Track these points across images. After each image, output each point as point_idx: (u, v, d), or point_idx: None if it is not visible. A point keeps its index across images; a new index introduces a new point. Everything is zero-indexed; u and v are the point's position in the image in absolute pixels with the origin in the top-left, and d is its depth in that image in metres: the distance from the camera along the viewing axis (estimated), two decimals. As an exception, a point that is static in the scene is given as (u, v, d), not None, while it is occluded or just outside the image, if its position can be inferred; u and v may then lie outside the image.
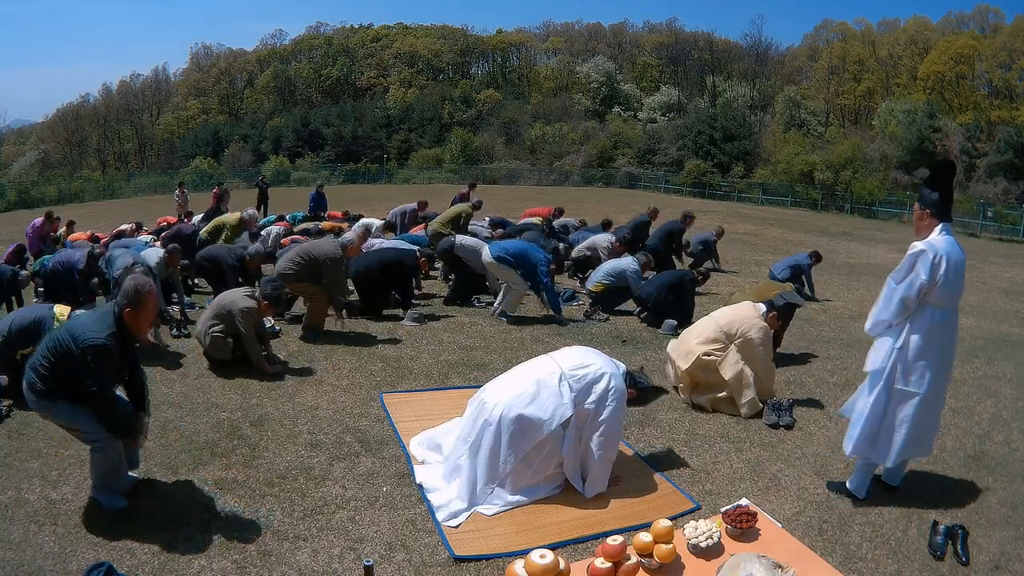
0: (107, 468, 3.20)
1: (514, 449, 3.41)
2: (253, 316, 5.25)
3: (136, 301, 3.12)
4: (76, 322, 3.21)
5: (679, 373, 4.93)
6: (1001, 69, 44.88)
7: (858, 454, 3.61)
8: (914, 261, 3.35)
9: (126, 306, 3.12)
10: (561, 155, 45.47)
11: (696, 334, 4.97)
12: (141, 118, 68.19)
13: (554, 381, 3.49)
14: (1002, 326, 8.42)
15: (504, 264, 6.96)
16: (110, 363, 3.09)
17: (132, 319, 3.15)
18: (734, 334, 4.81)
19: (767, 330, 4.90)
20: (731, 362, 4.76)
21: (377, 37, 71.13)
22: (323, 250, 6.26)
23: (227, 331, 5.21)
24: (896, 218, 27.28)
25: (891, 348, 3.46)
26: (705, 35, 64.62)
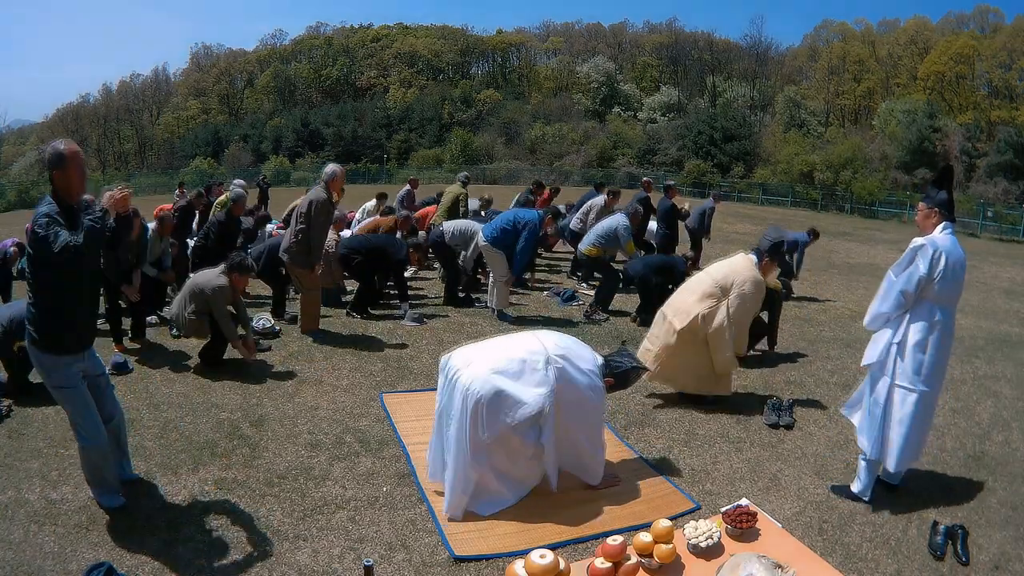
0: (94, 461, 3.19)
1: (491, 423, 3.25)
2: (225, 293, 5.18)
3: (55, 162, 2.92)
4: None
5: (673, 332, 4.77)
6: (1001, 69, 44.91)
7: (877, 457, 3.56)
8: (914, 255, 3.38)
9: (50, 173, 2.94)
10: (561, 155, 45.52)
11: (692, 290, 4.88)
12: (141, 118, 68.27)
13: (540, 363, 3.35)
14: (1002, 326, 8.42)
15: (497, 246, 6.92)
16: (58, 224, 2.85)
17: (60, 180, 2.94)
18: (729, 287, 4.73)
19: (761, 284, 4.80)
20: (718, 316, 4.71)
21: (377, 37, 71.20)
22: (309, 198, 6.06)
23: (200, 311, 5.17)
24: (896, 218, 27.28)
25: (889, 343, 3.47)
26: (705, 35, 64.75)
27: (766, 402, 4.88)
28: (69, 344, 3.06)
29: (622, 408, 4.86)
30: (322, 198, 5.95)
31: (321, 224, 6.02)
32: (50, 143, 3.05)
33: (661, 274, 7.23)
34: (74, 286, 3.00)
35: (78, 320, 3.07)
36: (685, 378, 4.92)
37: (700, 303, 4.75)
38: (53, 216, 2.87)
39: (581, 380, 3.41)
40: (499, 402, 3.26)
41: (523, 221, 6.90)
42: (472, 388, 3.26)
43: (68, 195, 2.99)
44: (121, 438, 3.44)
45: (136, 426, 4.18)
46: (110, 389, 3.38)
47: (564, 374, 3.37)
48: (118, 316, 5.87)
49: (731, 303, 4.71)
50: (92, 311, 3.21)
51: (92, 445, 3.14)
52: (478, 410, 3.24)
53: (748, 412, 4.83)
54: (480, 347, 3.56)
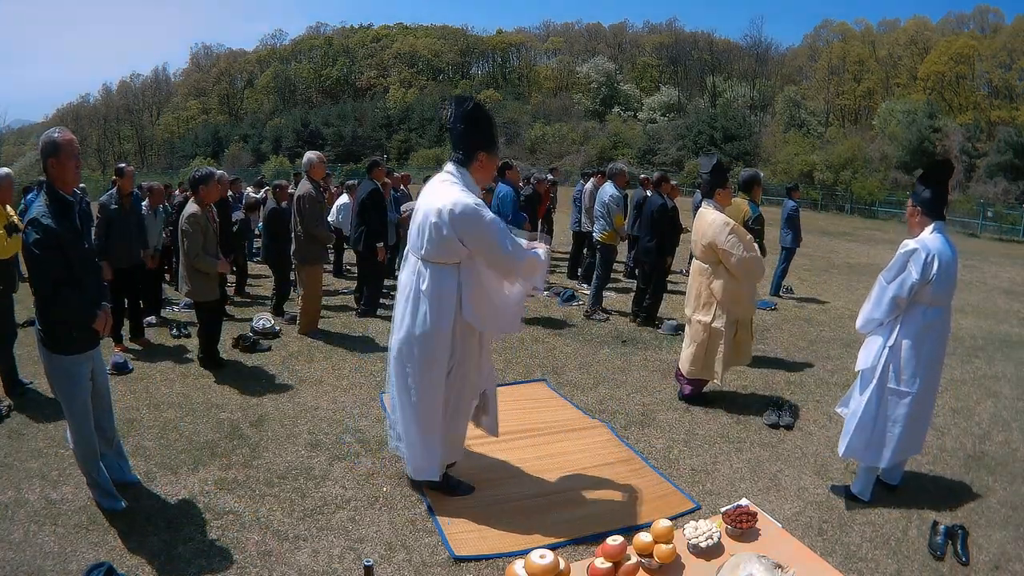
0: (84, 455, 3.19)
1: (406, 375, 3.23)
2: (199, 220, 5.05)
3: (49, 149, 2.90)
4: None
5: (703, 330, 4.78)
6: (1001, 69, 44.92)
7: (852, 456, 3.62)
8: (906, 260, 3.36)
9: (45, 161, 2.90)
10: (561, 155, 45.52)
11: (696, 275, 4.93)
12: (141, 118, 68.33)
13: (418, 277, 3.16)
14: (1002, 326, 8.42)
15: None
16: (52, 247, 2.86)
17: (55, 168, 2.92)
18: (710, 241, 4.71)
19: (728, 220, 4.74)
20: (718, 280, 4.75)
21: (377, 37, 71.24)
22: (298, 194, 6.16)
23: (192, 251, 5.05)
24: (896, 218, 27.28)
25: (882, 346, 3.47)
26: (705, 35, 64.76)
27: (766, 402, 4.88)
28: (78, 341, 3.06)
29: (622, 408, 4.86)
30: (309, 192, 6.05)
31: (317, 215, 6.14)
32: (45, 132, 3.00)
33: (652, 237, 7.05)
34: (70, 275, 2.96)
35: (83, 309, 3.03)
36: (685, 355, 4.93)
37: (711, 280, 4.78)
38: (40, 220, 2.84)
39: (452, 229, 3.04)
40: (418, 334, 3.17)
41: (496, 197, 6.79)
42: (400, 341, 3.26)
43: (63, 185, 2.96)
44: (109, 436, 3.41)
45: (136, 426, 4.18)
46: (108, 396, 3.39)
47: (438, 250, 3.10)
48: (119, 316, 5.88)
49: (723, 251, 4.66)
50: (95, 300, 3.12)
51: (81, 449, 3.15)
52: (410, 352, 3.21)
53: (748, 412, 4.83)
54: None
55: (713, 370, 4.86)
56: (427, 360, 3.20)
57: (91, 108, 66.80)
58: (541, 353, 6.11)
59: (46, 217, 2.87)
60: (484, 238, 3.07)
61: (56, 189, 2.95)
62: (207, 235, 5.13)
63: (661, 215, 7.07)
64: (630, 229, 8.83)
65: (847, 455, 3.63)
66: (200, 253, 5.08)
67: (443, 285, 3.14)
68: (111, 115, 66.28)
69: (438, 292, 3.14)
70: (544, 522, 3.30)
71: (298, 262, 6.26)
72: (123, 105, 68.01)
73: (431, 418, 3.28)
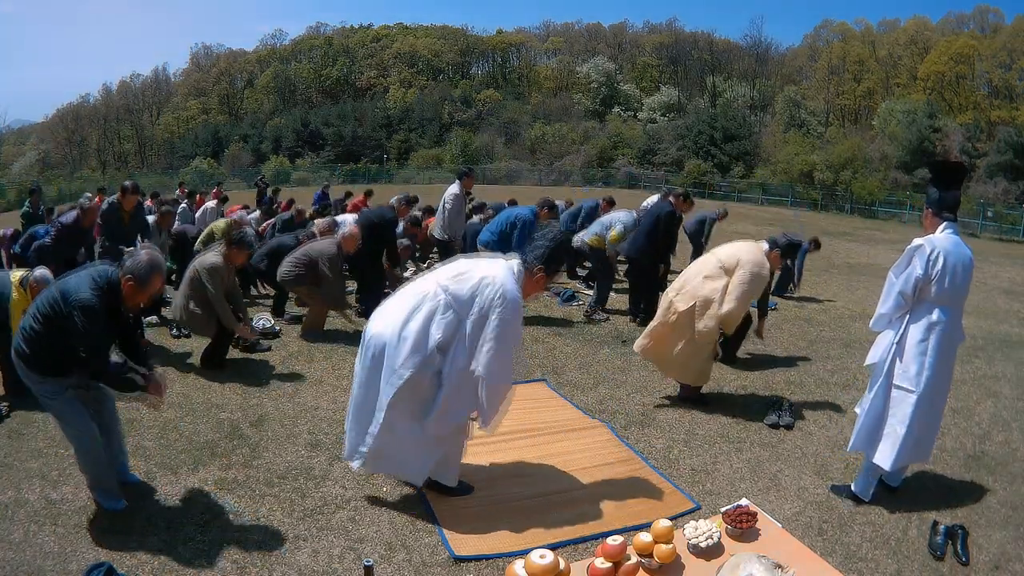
0: (92, 464, 3.18)
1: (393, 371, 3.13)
2: (220, 273, 5.08)
3: (144, 276, 2.98)
4: (69, 280, 3.03)
5: (675, 312, 4.70)
6: (1001, 69, 44.95)
7: (857, 448, 3.60)
8: (911, 255, 3.36)
9: (130, 277, 2.97)
10: (561, 155, 45.54)
11: (697, 271, 4.81)
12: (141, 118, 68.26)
13: (428, 301, 3.17)
14: (1002, 326, 8.42)
15: (492, 248, 6.84)
16: (99, 323, 2.91)
17: (130, 291, 3.00)
18: (731, 269, 4.66)
19: (766, 268, 4.72)
20: (719, 284, 4.65)
21: (377, 37, 71.21)
22: (320, 249, 6.25)
23: (201, 301, 5.07)
24: (896, 218, 27.31)
25: (891, 343, 3.46)
26: (705, 35, 64.76)
27: (766, 402, 4.88)
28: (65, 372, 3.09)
29: (622, 408, 4.86)
30: (333, 253, 6.19)
31: (338, 275, 6.31)
32: (149, 251, 3.09)
33: (651, 235, 7.01)
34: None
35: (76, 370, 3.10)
36: (671, 361, 4.87)
37: (704, 284, 4.68)
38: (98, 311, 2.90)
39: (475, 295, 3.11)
40: (396, 351, 3.13)
41: (516, 218, 6.87)
42: (374, 340, 3.20)
43: (125, 301, 3.07)
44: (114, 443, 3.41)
45: (136, 426, 4.18)
46: (110, 400, 3.41)
47: (462, 303, 3.13)
48: None
49: (733, 279, 4.64)
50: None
51: (84, 448, 3.14)
52: (381, 362, 3.16)
53: (748, 412, 4.82)
54: (384, 307, 3.38)
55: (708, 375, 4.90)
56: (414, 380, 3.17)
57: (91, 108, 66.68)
58: (541, 353, 6.11)
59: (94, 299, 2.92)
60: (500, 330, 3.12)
61: (118, 294, 3.01)
62: (226, 287, 5.21)
63: (669, 221, 7.06)
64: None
65: (853, 448, 3.61)
66: (224, 301, 5.12)
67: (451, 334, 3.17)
68: (111, 115, 66.16)
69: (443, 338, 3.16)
70: (544, 522, 3.30)
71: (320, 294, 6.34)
72: (123, 105, 67.91)
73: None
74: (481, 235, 7.10)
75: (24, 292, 4.44)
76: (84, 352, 2.94)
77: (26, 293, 4.42)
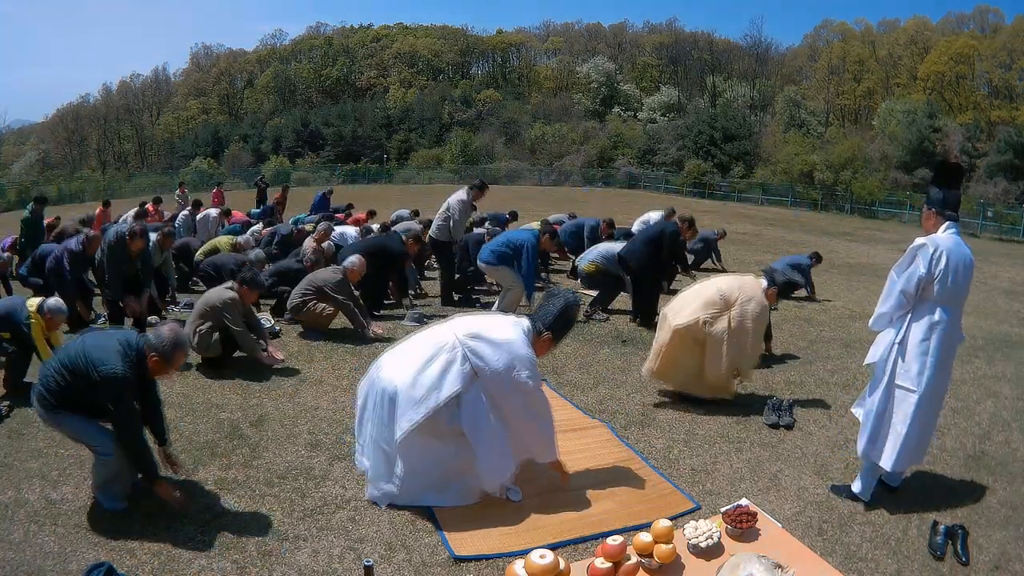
0: (109, 475, 3.21)
1: (404, 418, 3.25)
2: (237, 306, 5.18)
3: (168, 354, 3.13)
4: (94, 345, 3.12)
5: (670, 328, 4.75)
6: (1001, 69, 44.94)
7: (867, 453, 3.57)
8: (914, 254, 3.36)
9: (155, 353, 3.12)
10: (561, 155, 45.51)
11: (696, 295, 4.86)
12: (141, 118, 68.24)
13: (444, 352, 3.30)
14: (1002, 326, 8.42)
15: (493, 266, 6.96)
16: (128, 394, 3.10)
17: (156, 366, 3.16)
18: (732, 302, 4.71)
19: (765, 306, 4.81)
20: (718, 328, 4.69)
21: (377, 37, 71.20)
22: (323, 278, 6.27)
23: (215, 327, 5.18)
24: (896, 218, 27.29)
25: (891, 342, 3.45)
26: (705, 35, 64.78)
27: (766, 402, 4.88)
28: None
29: (622, 408, 4.86)
30: (338, 279, 6.24)
31: (349, 296, 6.31)
32: (175, 329, 3.22)
33: (652, 244, 7.08)
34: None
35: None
36: (680, 377, 4.92)
37: (702, 309, 4.74)
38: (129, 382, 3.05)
39: (498, 355, 3.29)
40: (409, 399, 3.25)
41: (517, 243, 6.91)
42: (387, 387, 3.31)
43: (152, 373, 3.22)
44: None
45: (136, 426, 4.18)
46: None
47: (477, 353, 3.29)
48: (120, 318, 5.89)
49: (733, 317, 4.71)
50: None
51: (107, 458, 3.16)
52: (395, 405, 3.27)
53: (748, 412, 4.82)
54: (396, 349, 3.58)
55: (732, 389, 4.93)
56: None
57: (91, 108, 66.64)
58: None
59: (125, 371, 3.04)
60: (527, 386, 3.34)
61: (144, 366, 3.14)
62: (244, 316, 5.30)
63: (673, 242, 7.12)
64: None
65: (864, 454, 3.58)
66: (248, 334, 5.20)
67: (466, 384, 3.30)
68: (111, 115, 66.11)
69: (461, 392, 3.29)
70: (544, 522, 3.30)
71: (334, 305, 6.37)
72: (123, 105, 67.86)
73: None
74: (481, 254, 7.14)
75: (41, 319, 4.58)
76: (113, 420, 3.06)
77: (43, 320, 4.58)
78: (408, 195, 28.72)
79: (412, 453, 3.32)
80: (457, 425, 3.29)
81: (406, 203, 23.04)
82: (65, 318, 4.85)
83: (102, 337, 3.23)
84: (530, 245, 6.86)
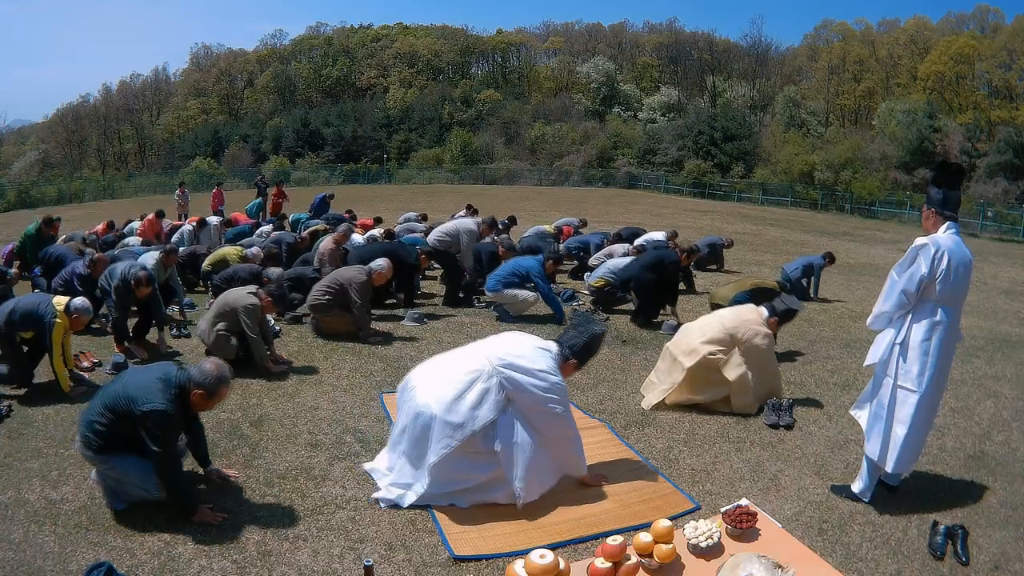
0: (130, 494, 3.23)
1: (439, 443, 3.35)
2: (257, 313, 5.23)
3: (212, 389, 3.18)
4: (135, 382, 3.15)
5: (681, 369, 4.82)
6: (1001, 69, 44.93)
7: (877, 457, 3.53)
8: (916, 254, 3.35)
9: (199, 388, 3.16)
10: (561, 155, 45.50)
11: (700, 332, 4.90)
12: (141, 118, 68.23)
13: (480, 379, 3.43)
14: (1002, 326, 8.42)
15: (499, 292, 7.16)
16: (172, 429, 3.13)
17: (198, 400, 3.20)
18: (740, 339, 4.79)
19: (771, 336, 4.91)
20: (735, 364, 4.75)
21: (377, 37, 71.18)
22: (349, 277, 6.24)
23: (231, 329, 5.21)
24: (896, 218, 27.28)
25: (892, 343, 3.44)
26: (705, 35, 64.78)
27: (766, 402, 4.88)
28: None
29: (622, 408, 4.86)
30: (363, 281, 6.21)
31: (367, 302, 6.31)
32: (219, 366, 3.27)
33: (654, 271, 7.17)
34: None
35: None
36: (697, 399, 4.92)
37: (708, 345, 4.79)
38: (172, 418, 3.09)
39: (532, 382, 3.44)
40: (447, 426, 3.34)
41: (525, 270, 7.14)
42: (423, 410, 3.39)
43: (195, 408, 3.27)
44: None
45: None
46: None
47: (512, 381, 3.42)
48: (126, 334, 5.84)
49: (746, 353, 4.77)
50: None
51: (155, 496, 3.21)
52: (430, 428, 3.36)
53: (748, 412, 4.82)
54: (430, 367, 3.65)
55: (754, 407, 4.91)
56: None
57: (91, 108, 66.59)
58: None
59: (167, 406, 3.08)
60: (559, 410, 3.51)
61: (187, 401, 3.19)
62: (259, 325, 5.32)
63: (675, 271, 7.34)
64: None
65: (879, 460, 3.53)
66: (262, 343, 5.24)
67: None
68: (111, 115, 66.05)
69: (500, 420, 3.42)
70: (544, 522, 3.31)
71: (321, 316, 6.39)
72: (123, 105, 67.83)
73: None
74: (488, 283, 7.32)
75: (67, 318, 4.60)
76: (153, 460, 3.06)
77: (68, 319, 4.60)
78: (408, 195, 28.76)
79: (443, 470, 3.40)
80: (491, 447, 3.40)
81: (406, 202, 23.15)
82: (89, 319, 4.90)
83: (142, 373, 3.27)
84: (536, 272, 7.09)
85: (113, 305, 5.64)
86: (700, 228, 18.15)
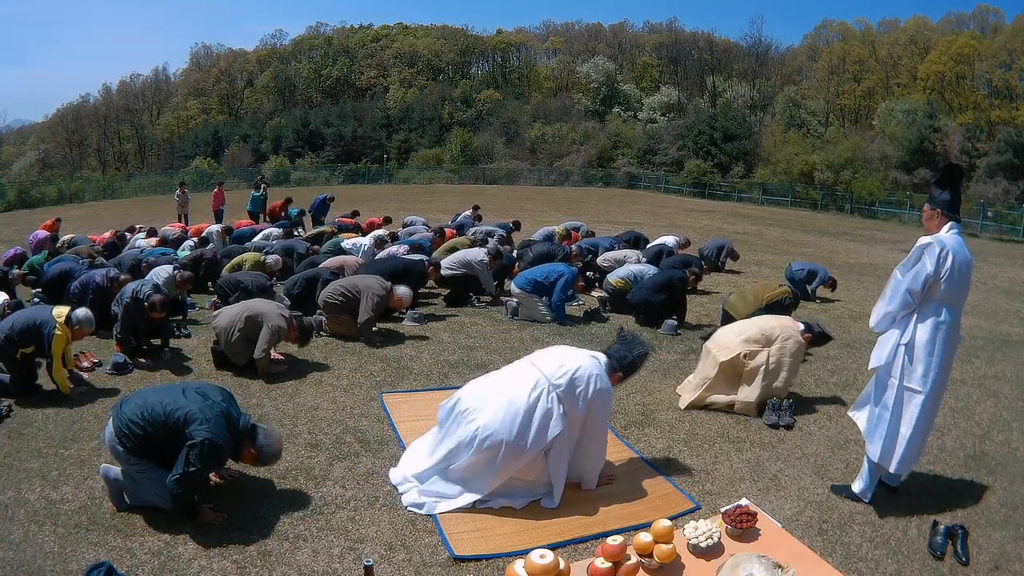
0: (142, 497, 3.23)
1: (500, 471, 3.38)
2: (280, 335, 5.21)
3: (264, 459, 3.32)
4: (199, 406, 3.15)
5: (715, 364, 4.88)
6: (1001, 69, 44.92)
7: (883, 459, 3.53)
8: (921, 253, 3.34)
9: (255, 449, 3.28)
10: (561, 155, 45.49)
11: (739, 331, 5.02)
12: (141, 118, 68.22)
13: (542, 398, 3.41)
14: (1002, 326, 8.42)
15: (528, 292, 7.17)
16: (218, 462, 3.21)
17: (248, 456, 3.31)
18: (774, 338, 4.86)
19: (802, 344, 4.96)
20: (759, 361, 4.81)
21: (377, 37, 71.16)
22: (369, 286, 6.22)
23: (248, 335, 5.17)
24: (896, 218, 27.27)
25: (896, 344, 3.43)
26: (705, 35, 64.77)
27: (766, 402, 4.88)
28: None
29: (622, 408, 4.86)
30: (381, 294, 6.21)
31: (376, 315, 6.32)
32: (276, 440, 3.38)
33: (662, 292, 7.22)
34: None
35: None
36: (708, 400, 4.95)
37: (744, 344, 4.86)
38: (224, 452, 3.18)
39: (586, 394, 3.46)
40: (512, 453, 3.35)
41: (558, 274, 7.17)
42: (489, 435, 3.36)
43: (239, 458, 3.35)
44: None
45: (136, 426, 4.18)
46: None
47: (569, 396, 3.44)
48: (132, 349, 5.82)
49: (772, 353, 4.82)
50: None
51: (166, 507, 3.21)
52: (495, 452, 3.35)
53: (748, 412, 4.82)
54: (482, 388, 3.60)
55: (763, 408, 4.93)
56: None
57: (91, 108, 66.58)
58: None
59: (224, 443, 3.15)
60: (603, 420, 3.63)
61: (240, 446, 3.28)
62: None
63: (682, 291, 7.40)
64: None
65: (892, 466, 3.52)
66: (269, 359, 5.21)
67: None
68: (111, 115, 66.04)
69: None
70: (544, 522, 3.31)
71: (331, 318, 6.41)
72: (123, 105, 67.81)
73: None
74: (518, 279, 7.35)
75: (68, 329, 4.56)
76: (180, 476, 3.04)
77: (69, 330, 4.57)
78: (408, 195, 28.75)
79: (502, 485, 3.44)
80: (544, 463, 3.45)
81: (406, 202, 23.15)
82: (91, 331, 4.85)
83: (204, 397, 3.25)
84: (564, 281, 7.12)
85: (119, 323, 5.46)
86: (700, 228, 18.15)
